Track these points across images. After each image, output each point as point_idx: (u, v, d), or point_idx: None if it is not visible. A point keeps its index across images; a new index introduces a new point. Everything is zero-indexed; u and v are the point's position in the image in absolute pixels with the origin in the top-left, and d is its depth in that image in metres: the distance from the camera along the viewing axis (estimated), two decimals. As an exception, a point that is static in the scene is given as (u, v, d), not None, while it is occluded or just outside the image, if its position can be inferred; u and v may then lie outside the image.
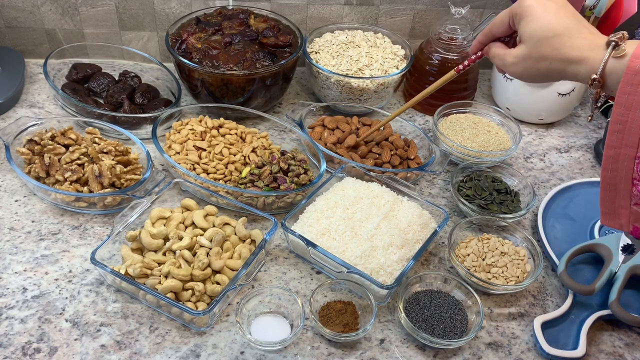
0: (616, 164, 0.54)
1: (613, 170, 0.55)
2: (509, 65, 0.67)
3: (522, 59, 0.64)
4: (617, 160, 0.54)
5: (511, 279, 0.78)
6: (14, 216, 0.83)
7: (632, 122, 0.52)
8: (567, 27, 0.60)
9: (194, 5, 1.08)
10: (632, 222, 0.56)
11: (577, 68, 0.60)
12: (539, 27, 0.61)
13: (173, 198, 0.86)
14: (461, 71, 0.76)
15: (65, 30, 1.09)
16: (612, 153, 0.54)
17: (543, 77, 0.64)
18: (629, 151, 0.53)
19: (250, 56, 0.97)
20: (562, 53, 0.60)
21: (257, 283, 0.78)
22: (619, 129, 0.53)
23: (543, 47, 0.61)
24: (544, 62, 0.62)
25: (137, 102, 1.02)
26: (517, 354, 0.72)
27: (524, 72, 0.66)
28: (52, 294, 0.73)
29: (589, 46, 0.59)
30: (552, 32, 0.61)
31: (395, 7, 1.13)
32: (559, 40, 0.60)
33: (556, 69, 0.62)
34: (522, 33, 0.64)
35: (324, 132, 0.98)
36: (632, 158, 0.53)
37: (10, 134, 0.87)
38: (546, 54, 0.62)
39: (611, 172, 0.55)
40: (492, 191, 0.90)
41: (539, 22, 0.61)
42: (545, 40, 0.61)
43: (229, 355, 0.69)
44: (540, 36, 0.61)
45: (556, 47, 0.60)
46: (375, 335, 0.73)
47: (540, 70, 0.63)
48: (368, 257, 0.75)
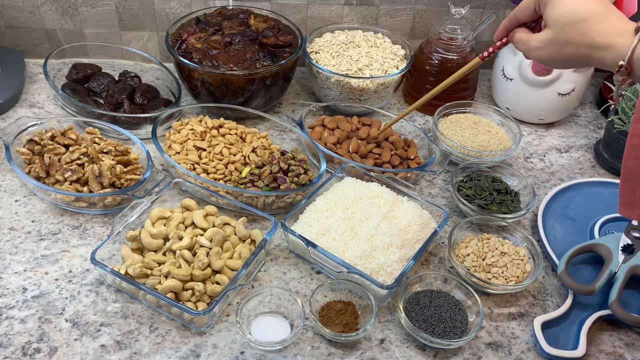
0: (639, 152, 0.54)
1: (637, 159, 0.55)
2: (534, 50, 0.66)
3: (547, 43, 0.63)
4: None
5: (511, 279, 0.78)
6: (14, 216, 0.83)
7: None
8: (594, 12, 0.59)
9: (194, 5, 1.08)
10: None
11: (604, 54, 0.59)
12: (565, 11, 0.60)
13: (173, 198, 0.86)
14: (486, 58, 0.75)
15: (65, 30, 1.09)
16: (637, 142, 0.54)
17: (569, 62, 0.63)
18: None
19: (250, 56, 0.97)
20: (589, 38, 0.59)
21: (257, 283, 0.78)
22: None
23: (569, 32, 0.60)
24: (569, 47, 0.61)
25: (137, 102, 1.02)
26: (517, 354, 0.72)
27: (549, 57, 0.65)
28: (52, 294, 0.73)
29: (616, 32, 0.58)
30: (578, 16, 0.60)
31: (395, 7, 1.13)
32: (585, 25, 0.59)
33: (582, 55, 0.61)
34: (548, 17, 0.63)
35: (324, 132, 0.98)
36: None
37: (10, 134, 0.87)
38: (572, 39, 0.61)
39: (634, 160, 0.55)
40: (492, 191, 0.90)
41: (565, 7, 0.60)
42: (572, 24, 0.60)
43: (229, 355, 0.69)
44: (566, 21, 0.60)
45: (582, 32, 0.60)
46: (375, 335, 0.73)
47: (565, 55, 0.62)
48: (368, 257, 0.75)
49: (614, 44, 0.58)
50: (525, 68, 1.02)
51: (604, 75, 1.22)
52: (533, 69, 1.01)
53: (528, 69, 1.01)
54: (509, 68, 1.06)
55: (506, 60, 1.07)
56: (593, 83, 1.23)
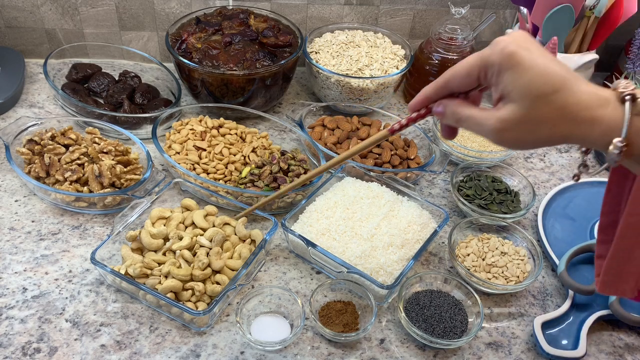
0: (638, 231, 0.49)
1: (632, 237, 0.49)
2: (495, 132, 0.50)
3: (515, 123, 0.49)
4: None
5: (511, 279, 0.78)
6: (14, 216, 0.83)
7: None
8: (565, 79, 0.47)
9: (194, 5, 1.08)
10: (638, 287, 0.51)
11: (588, 130, 0.48)
12: (532, 80, 0.47)
13: (173, 198, 0.86)
14: (395, 132, 0.59)
15: (65, 30, 1.09)
16: (634, 220, 0.48)
17: (542, 143, 0.50)
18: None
19: (250, 56, 0.97)
20: (568, 113, 0.47)
21: (257, 283, 0.78)
22: None
23: (543, 107, 0.47)
24: (545, 127, 0.48)
25: (137, 102, 1.02)
26: (517, 354, 0.72)
27: (517, 139, 0.50)
28: (52, 294, 0.73)
29: (596, 102, 0.47)
30: (550, 86, 0.47)
31: (395, 7, 1.13)
32: (560, 96, 0.47)
33: (561, 134, 0.48)
34: (510, 89, 0.48)
35: (324, 132, 0.98)
36: None
37: (10, 134, 0.87)
38: (549, 116, 0.48)
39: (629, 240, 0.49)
40: (492, 191, 0.90)
41: (531, 74, 0.47)
42: (545, 98, 0.47)
43: (229, 355, 0.69)
44: (537, 93, 0.47)
45: (559, 105, 0.47)
46: (375, 335, 0.73)
47: (539, 136, 0.49)
48: (368, 257, 0.75)
49: (599, 117, 0.47)
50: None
51: (604, 75, 1.22)
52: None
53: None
54: (509, 68, 1.05)
55: (506, 60, 1.06)
56: (593, 83, 1.23)
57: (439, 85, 0.54)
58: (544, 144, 0.50)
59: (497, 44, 0.49)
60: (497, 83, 0.50)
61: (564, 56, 0.99)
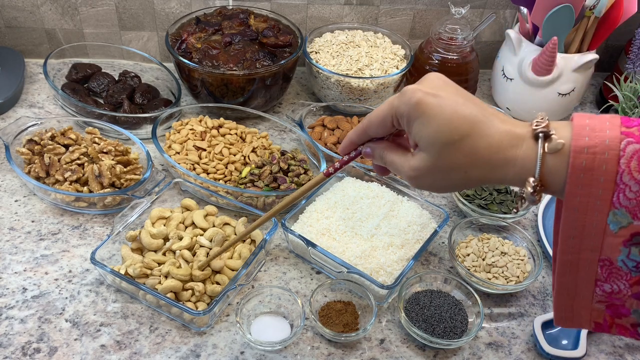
0: (576, 269, 0.46)
1: (571, 274, 0.47)
2: (410, 179, 0.51)
3: (427, 171, 0.49)
4: (577, 265, 0.46)
5: (511, 279, 0.78)
6: (14, 216, 0.83)
7: (590, 226, 0.44)
8: (474, 122, 0.47)
9: (194, 5, 1.08)
10: (593, 320, 0.48)
11: (503, 172, 0.47)
12: (438, 129, 0.47)
13: (173, 198, 0.86)
14: (331, 175, 0.59)
15: (65, 30, 1.09)
16: (570, 258, 0.46)
17: (461, 186, 0.50)
18: (590, 255, 0.45)
19: (250, 56, 0.97)
20: (479, 157, 0.47)
21: (257, 283, 0.78)
22: (574, 234, 0.44)
23: (451, 155, 0.47)
24: (457, 173, 0.48)
25: (137, 102, 1.02)
26: (517, 354, 0.72)
27: (432, 185, 0.51)
28: (52, 294, 0.73)
29: (509, 142, 0.46)
30: (457, 132, 0.46)
31: (395, 7, 1.13)
32: (469, 141, 0.46)
33: (476, 178, 0.48)
34: (419, 139, 0.48)
35: (324, 132, 0.98)
36: (594, 261, 0.45)
37: (10, 134, 0.87)
38: (457, 163, 0.47)
39: (569, 276, 0.47)
40: (492, 191, 0.90)
41: (437, 122, 0.47)
42: (452, 145, 0.47)
43: (229, 355, 0.69)
44: (444, 141, 0.47)
45: (468, 151, 0.47)
46: (375, 335, 0.73)
47: (455, 181, 0.49)
48: (368, 257, 0.75)
49: (512, 158, 0.46)
50: (525, 68, 1.02)
51: (604, 75, 1.22)
52: (533, 69, 1.01)
53: (528, 69, 1.01)
54: (509, 68, 1.06)
55: (506, 60, 1.07)
56: (593, 83, 1.23)
57: (360, 132, 0.55)
58: (462, 188, 0.51)
59: (405, 93, 0.49)
60: (408, 132, 0.50)
61: (563, 56, 0.99)
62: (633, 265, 0.43)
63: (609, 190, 0.42)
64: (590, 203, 0.43)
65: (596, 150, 0.42)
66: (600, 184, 0.42)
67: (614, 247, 0.44)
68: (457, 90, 0.50)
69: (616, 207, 0.42)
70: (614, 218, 0.43)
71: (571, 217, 0.44)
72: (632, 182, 0.41)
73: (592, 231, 0.44)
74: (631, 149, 0.42)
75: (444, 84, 0.50)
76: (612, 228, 0.43)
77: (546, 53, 0.97)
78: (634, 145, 0.42)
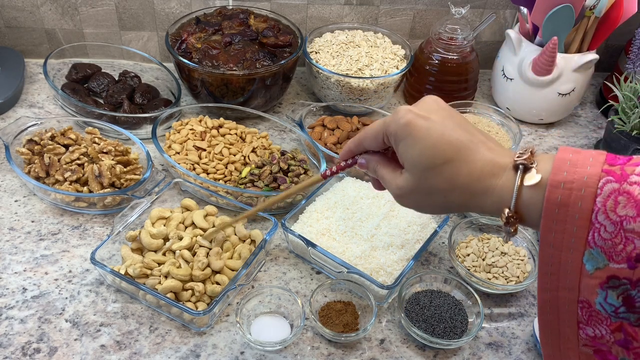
0: (556, 308, 0.45)
1: (553, 314, 0.45)
2: (395, 197, 0.53)
3: (409, 191, 0.51)
4: (557, 304, 0.45)
5: (511, 279, 0.78)
6: (14, 216, 0.83)
7: (567, 264, 0.42)
8: (458, 148, 0.47)
9: (194, 5, 1.08)
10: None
11: (482, 200, 0.47)
12: (422, 152, 0.48)
13: (173, 198, 0.86)
14: (328, 177, 0.60)
15: (65, 30, 1.09)
16: (549, 297, 0.45)
17: (442, 209, 0.51)
18: (568, 294, 0.43)
19: (250, 56, 0.97)
20: (459, 184, 0.47)
21: (257, 283, 0.78)
22: (551, 270, 0.43)
23: (432, 178, 0.48)
24: (437, 196, 0.49)
25: (137, 102, 1.02)
26: (517, 354, 0.72)
27: (416, 206, 0.52)
28: (52, 294, 0.73)
29: (490, 170, 0.46)
30: (440, 157, 0.47)
31: (395, 7, 1.13)
32: (451, 167, 0.47)
33: (455, 202, 0.49)
34: (404, 159, 0.50)
35: (324, 132, 0.98)
36: (573, 301, 0.43)
37: (10, 134, 0.87)
38: (438, 187, 0.48)
39: (551, 315, 0.45)
40: (492, 191, 0.90)
41: (422, 145, 0.48)
42: (434, 169, 0.48)
43: (229, 355, 0.69)
44: (426, 165, 0.48)
45: (449, 176, 0.47)
46: (375, 335, 0.73)
47: (435, 204, 0.50)
48: (368, 257, 0.75)
49: (491, 187, 0.46)
50: (525, 68, 1.02)
51: (604, 75, 1.22)
52: (533, 69, 1.01)
53: (528, 69, 1.01)
54: (509, 68, 1.06)
55: (506, 60, 1.07)
56: (593, 83, 1.23)
57: (357, 142, 0.56)
58: (443, 211, 0.51)
59: (397, 112, 0.50)
60: (396, 151, 0.51)
61: (564, 56, 0.99)
62: (612, 310, 0.41)
63: (584, 229, 0.41)
64: (566, 240, 0.42)
65: (573, 186, 0.41)
66: (575, 221, 0.41)
67: (591, 288, 0.42)
68: (450, 114, 0.50)
69: (591, 246, 0.41)
70: (590, 257, 0.41)
71: (547, 252, 0.43)
72: (608, 222, 0.40)
73: (569, 269, 0.43)
74: (609, 187, 0.40)
75: (437, 108, 0.50)
76: (588, 268, 0.41)
77: (546, 53, 0.97)
78: (612, 184, 0.40)
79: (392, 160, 0.55)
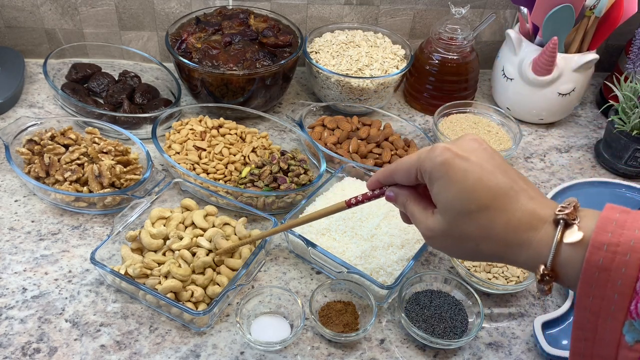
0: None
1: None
2: (425, 238, 0.50)
3: (440, 234, 0.47)
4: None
5: (511, 279, 0.78)
6: (14, 216, 0.83)
7: (604, 332, 0.39)
8: (497, 195, 0.44)
9: (194, 5, 1.08)
10: None
11: (516, 253, 0.44)
12: (457, 196, 0.44)
13: (173, 198, 0.86)
14: (352, 205, 0.59)
15: (65, 30, 1.09)
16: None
17: (470, 257, 0.48)
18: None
19: (250, 56, 0.97)
20: (493, 233, 0.44)
21: (257, 283, 0.78)
22: (586, 336, 0.40)
23: (466, 225, 0.45)
24: (469, 243, 0.46)
25: (137, 102, 1.02)
26: (517, 354, 0.72)
27: (445, 249, 0.49)
28: (52, 294, 0.73)
29: (528, 223, 0.43)
30: (476, 203, 0.44)
31: (395, 7, 1.13)
32: (487, 215, 0.44)
33: (487, 252, 0.46)
34: (437, 200, 0.47)
35: (324, 132, 0.98)
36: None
37: (10, 134, 0.87)
38: (471, 234, 0.45)
39: None
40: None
41: (458, 189, 0.44)
42: (468, 215, 0.44)
43: (229, 356, 0.69)
44: (461, 209, 0.45)
45: (484, 224, 0.44)
46: (375, 335, 0.73)
47: (466, 251, 0.47)
48: (368, 257, 0.75)
49: (528, 241, 0.43)
50: (525, 68, 1.02)
51: (604, 75, 1.22)
52: (533, 69, 1.01)
53: (528, 69, 1.01)
54: (509, 68, 1.06)
55: (506, 60, 1.06)
56: (593, 83, 1.23)
57: (386, 174, 0.53)
58: (474, 259, 0.48)
59: (434, 149, 0.46)
60: (430, 190, 0.48)
61: (564, 56, 0.99)
62: None
63: (626, 297, 0.38)
64: (604, 307, 0.39)
65: (617, 250, 0.38)
66: (617, 288, 0.38)
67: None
68: (492, 156, 0.46)
69: (633, 317, 0.38)
70: (631, 329, 0.38)
71: (583, 317, 0.40)
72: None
73: (606, 338, 0.39)
74: None
75: (477, 148, 0.47)
76: (628, 340, 0.38)
77: (546, 53, 0.97)
78: None
79: (424, 197, 0.51)
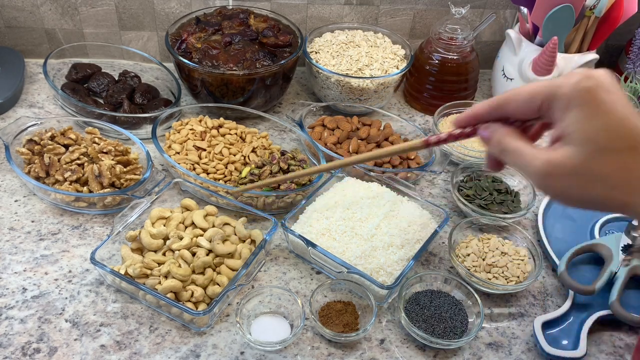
0: None
1: None
2: (540, 176, 0.42)
3: (566, 172, 0.40)
4: None
5: (511, 279, 0.78)
6: (14, 216, 0.83)
7: None
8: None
9: (194, 5, 1.08)
10: None
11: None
12: (606, 127, 0.39)
13: (173, 198, 0.86)
14: (431, 145, 0.53)
15: (65, 30, 1.09)
16: None
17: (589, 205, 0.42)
18: None
19: (250, 56, 0.97)
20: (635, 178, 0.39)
21: (257, 283, 0.78)
22: None
23: (607, 163, 0.39)
24: (601, 185, 0.40)
25: (137, 102, 1.02)
26: (517, 354, 0.72)
27: (564, 192, 0.42)
28: (52, 294, 0.73)
29: None
30: (625, 141, 0.38)
31: (395, 7, 1.13)
32: (632, 157, 0.38)
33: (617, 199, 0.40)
34: (573, 130, 0.40)
35: (324, 132, 0.98)
36: None
37: (10, 134, 0.87)
38: (610, 175, 0.39)
39: None
40: (492, 191, 0.90)
41: (606, 120, 0.39)
42: (613, 152, 0.39)
43: (229, 356, 0.69)
44: (607, 144, 0.39)
45: (627, 167, 0.39)
46: (375, 335, 0.73)
47: (591, 195, 0.41)
48: (368, 257, 0.75)
49: None
50: (525, 68, 1.02)
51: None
52: (533, 69, 1.01)
53: (528, 69, 1.01)
54: (509, 68, 1.06)
55: (506, 60, 1.06)
56: (593, 83, 1.23)
57: (493, 105, 0.46)
58: (592, 207, 0.42)
59: (572, 75, 0.41)
60: (560, 119, 0.41)
61: (564, 56, 0.99)
62: None
63: None
64: None
65: None
66: None
67: None
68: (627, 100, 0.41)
69: None
70: None
71: None
72: None
73: None
74: None
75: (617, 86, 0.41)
76: None
77: (546, 53, 0.97)
78: None
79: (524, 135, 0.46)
